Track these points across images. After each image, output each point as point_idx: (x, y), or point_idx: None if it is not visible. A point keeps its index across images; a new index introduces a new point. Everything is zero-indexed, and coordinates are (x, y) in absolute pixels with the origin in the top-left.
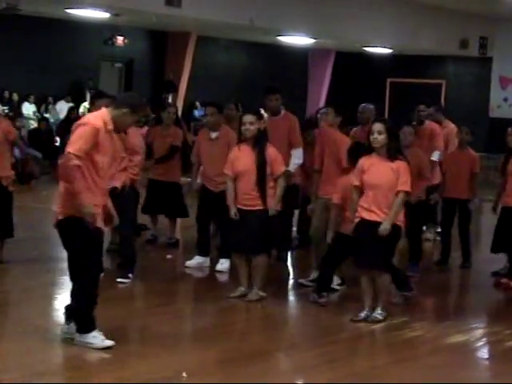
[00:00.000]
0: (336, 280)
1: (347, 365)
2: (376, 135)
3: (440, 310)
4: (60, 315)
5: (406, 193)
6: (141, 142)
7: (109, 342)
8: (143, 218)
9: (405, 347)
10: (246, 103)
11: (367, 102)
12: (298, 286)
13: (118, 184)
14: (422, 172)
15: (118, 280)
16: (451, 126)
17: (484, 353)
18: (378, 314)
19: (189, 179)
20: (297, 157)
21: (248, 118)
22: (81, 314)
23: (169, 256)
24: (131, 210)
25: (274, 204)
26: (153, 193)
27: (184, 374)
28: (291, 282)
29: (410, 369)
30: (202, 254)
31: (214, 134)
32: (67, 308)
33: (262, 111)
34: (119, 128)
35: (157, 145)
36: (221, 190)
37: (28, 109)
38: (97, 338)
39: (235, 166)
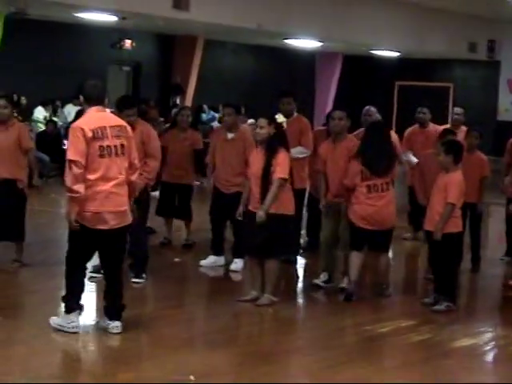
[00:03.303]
0: (323, 276)
1: (355, 368)
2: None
3: (448, 313)
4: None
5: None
6: (159, 147)
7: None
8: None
9: (412, 351)
10: (253, 106)
11: (375, 106)
12: (307, 289)
13: None
14: None
15: (133, 280)
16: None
17: (492, 356)
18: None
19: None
20: (298, 151)
21: (259, 121)
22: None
23: (176, 259)
24: (143, 212)
25: (262, 208)
26: (166, 196)
27: (192, 377)
28: (301, 285)
29: (417, 372)
30: (216, 253)
31: (230, 135)
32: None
33: (279, 115)
34: None
35: (172, 148)
36: (233, 192)
37: (40, 112)
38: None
39: (250, 168)
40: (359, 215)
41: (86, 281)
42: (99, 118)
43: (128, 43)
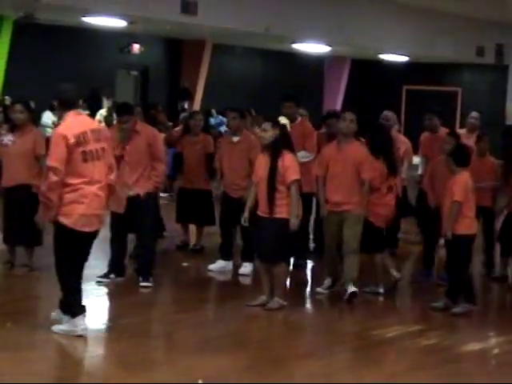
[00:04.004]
0: (327, 282)
1: (362, 373)
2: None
3: (456, 317)
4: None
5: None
6: (164, 150)
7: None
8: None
9: (421, 355)
10: (261, 110)
11: (382, 110)
12: (316, 293)
13: (141, 191)
14: None
15: (142, 284)
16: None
17: (500, 361)
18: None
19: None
20: (301, 155)
21: (264, 125)
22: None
23: (185, 264)
24: (151, 216)
25: (292, 215)
26: (184, 201)
27: (200, 382)
28: (309, 289)
29: (425, 377)
30: (225, 258)
31: (235, 139)
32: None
33: (282, 118)
34: None
35: (187, 153)
36: (241, 196)
37: (48, 117)
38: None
39: (256, 172)
40: (384, 216)
41: (95, 285)
42: (80, 122)
43: (136, 48)
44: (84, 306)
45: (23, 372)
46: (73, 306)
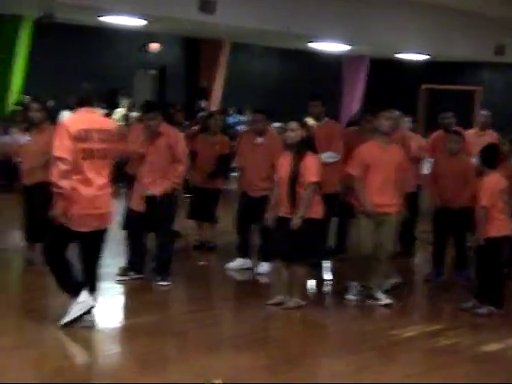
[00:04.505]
0: (356, 288)
1: (382, 372)
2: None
3: (475, 317)
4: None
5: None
6: (186, 152)
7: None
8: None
9: (440, 355)
10: (279, 110)
11: (400, 109)
12: (334, 292)
13: (157, 191)
14: (469, 178)
15: (160, 283)
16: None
17: None
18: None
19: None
20: (328, 156)
21: (291, 125)
22: None
23: (202, 263)
24: (170, 215)
25: (298, 215)
26: (197, 199)
27: (218, 381)
28: (328, 289)
29: (444, 377)
30: (243, 256)
31: (259, 140)
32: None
33: (308, 119)
34: None
35: (202, 152)
36: (260, 196)
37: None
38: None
39: (278, 172)
40: None
41: (113, 283)
42: (87, 119)
43: (154, 47)
44: (82, 282)
45: (38, 369)
46: (72, 286)
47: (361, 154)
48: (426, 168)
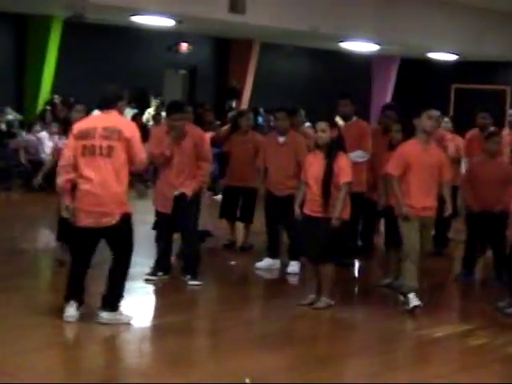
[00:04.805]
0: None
1: (410, 373)
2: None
3: (505, 318)
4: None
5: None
6: (210, 149)
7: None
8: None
9: (469, 356)
10: (309, 110)
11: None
12: (363, 292)
13: (188, 191)
14: (509, 182)
15: (190, 283)
16: None
17: None
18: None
19: None
20: (357, 155)
21: (320, 125)
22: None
23: (232, 262)
24: (196, 214)
25: (335, 215)
26: (230, 199)
27: (248, 380)
28: (357, 288)
29: (474, 378)
30: (272, 256)
31: (281, 139)
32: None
33: (337, 119)
34: None
35: (235, 152)
36: (286, 195)
37: None
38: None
39: (307, 172)
40: None
41: (142, 283)
42: (96, 118)
43: (184, 47)
44: (75, 296)
45: (69, 370)
46: (66, 291)
47: (402, 154)
48: (465, 168)
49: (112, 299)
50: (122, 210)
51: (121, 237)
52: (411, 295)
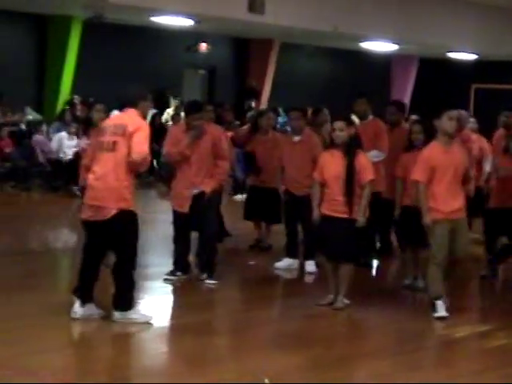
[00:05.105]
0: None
1: (428, 373)
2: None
3: None
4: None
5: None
6: (228, 148)
7: (149, 316)
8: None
9: (489, 356)
10: (328, 110)
11: (451, 109)
12: (381, 292)
13: (207, 189)
14: None
15: (207, 282)
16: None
17: None
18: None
19: None
20: (373, 155)
21: (337, 124)
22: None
23: (251, 262)
24: (214, 214)
25: (360, 214)
26: (254, 199)
27: (266, 380)
28: (376, 288)
29: (493, 378)
30: (291, 256)
31: (296, 138)
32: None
33: (353, 117)
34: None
35: (259, 152)
36: (304, 194)
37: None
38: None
39: (325, 171)
40: None
41: (161, 283)
42: (114, 117)
43: (203, 47)
44: (80, 293)
45: (87, 369)
46: (75, 285)
47: (426, 159)
48: (490, 167)
49: (119, 300)
50: (118, 205)
51: (118, 234)
52: (439, 303)
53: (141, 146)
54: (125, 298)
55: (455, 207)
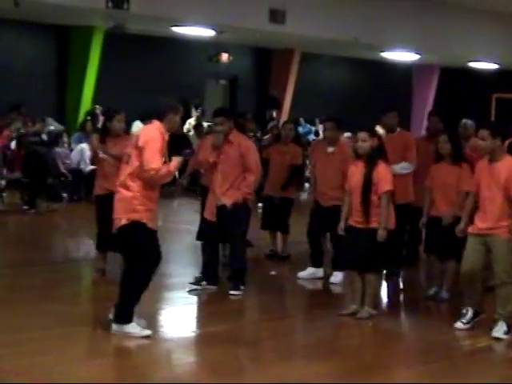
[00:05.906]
0: (469, 314)
1: (452, 383)
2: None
3: None
4: (164, 330)
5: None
6: (258, 162)
7: (147, 331)
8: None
9: (510, 367)
10: (349, 120)
11: (472, 119)
12: (407, 302)
13: (227, 202)
14: None
15: (231, 292)
16: None
17: None
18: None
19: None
20: (402, 167)
21: (361, 135)
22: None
23: (273, 272)
24: (242, 225)
25: (380, 226)
26: (269, 209)
27: None
28: (402, 298)
29: None
30: (315, 265)
31: (330, 149)
32: None
33: (378, 128)
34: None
35: (274, 162)
36: (333, 205)
37: (138, 127)
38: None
39: (349, 181)
40: None
41: (185, 293)
42: (139, 128)
43: (225, 57)
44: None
45: (113, 379)
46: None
47: (475, 172)
48: None
49: (118, 311)
50: (128, 215)
51: (126, 244)
52: (469, 313)
53: (148, 163)
54: (123, 311)
55: (485, 225)
